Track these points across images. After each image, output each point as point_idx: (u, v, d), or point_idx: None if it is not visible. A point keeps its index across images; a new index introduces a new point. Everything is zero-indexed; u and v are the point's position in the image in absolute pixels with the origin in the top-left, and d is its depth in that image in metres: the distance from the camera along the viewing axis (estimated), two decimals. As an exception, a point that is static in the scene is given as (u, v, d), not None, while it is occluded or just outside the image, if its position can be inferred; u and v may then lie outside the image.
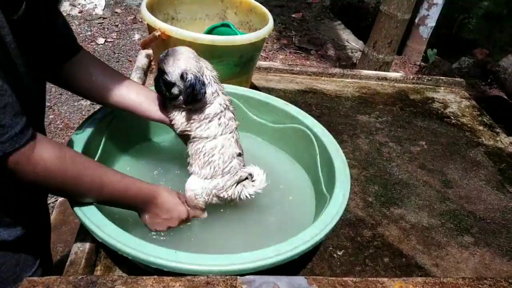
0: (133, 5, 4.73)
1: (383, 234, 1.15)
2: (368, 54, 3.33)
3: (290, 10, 5.23)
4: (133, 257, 0.75)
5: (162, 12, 1.55)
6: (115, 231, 0.78)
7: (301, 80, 1.87)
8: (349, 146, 1.49)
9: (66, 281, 0.68)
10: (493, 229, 1.24)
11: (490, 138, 1.67)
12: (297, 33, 4.73)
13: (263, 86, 1.77)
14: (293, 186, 1.15)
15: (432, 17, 4.26)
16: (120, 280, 0.69)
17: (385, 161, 1.45)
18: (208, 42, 1.27)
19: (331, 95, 1.80)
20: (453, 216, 1.26)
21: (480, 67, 4.18)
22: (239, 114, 1.26)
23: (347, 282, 0.74)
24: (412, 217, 1.23)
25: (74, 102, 3.02)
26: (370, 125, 1.63)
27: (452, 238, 1.18)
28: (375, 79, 1.96)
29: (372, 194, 1.29)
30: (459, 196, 1.34)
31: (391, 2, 3.02)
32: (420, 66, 4.36)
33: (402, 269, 1.06)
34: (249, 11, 1.60)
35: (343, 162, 1.03)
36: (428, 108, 1.82)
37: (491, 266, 1.11)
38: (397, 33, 3.16)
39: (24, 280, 0.67)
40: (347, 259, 1.06)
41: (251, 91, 1.28)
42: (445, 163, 1.49)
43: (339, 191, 0.94)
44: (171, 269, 0.73)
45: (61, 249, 1.81)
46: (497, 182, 1.43)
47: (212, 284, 0.70)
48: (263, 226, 1.04)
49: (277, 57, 4.25)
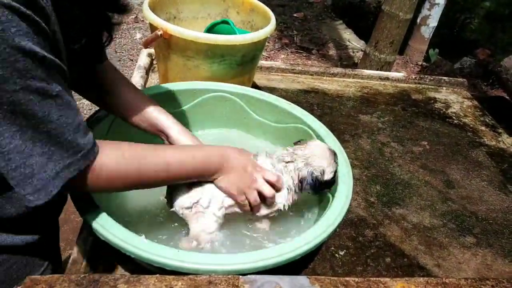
0: (134, 4, 4.72)
1: (385, 234, 1.15)
2: (370, 54, 3.33)
3: (291, 9, 5.23)
4: (135, 255, 0.75)
5: (164, 11, 1.55)
6: (117, 230, 0.78)
7: (303, 79, 1.87)
8: (351, 146, 1.49)
9: (69, 279, 0.68)
10: (495, 229, 1.23)
11: (492, 138, 1.67)
12: (299, 32, 4.73)
13: (264, 86, 1.77)
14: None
15: (433, 17, 4.25)
16: (123, 278, 0.69)
17: (387, 161, 1.45)
18: (210, 41, 1.27)
19: (333, 94, 1.80)
20: (455, 217, 1.26)
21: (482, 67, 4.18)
22: (241, 113, 1.27)
23: (349, 282, 0.73)
24: (414, 217, 1.23)
25: (76, 102, 3.01)
26: (372, 125, 1.63)
27: (454, 239, 1.18)
28: (377, 79, 1.96)
29: (374, 194, 1.29)
30: (461, 197, 1.34)
31: (393, 2, 3.01)
32: (422, 66, 4.35)
33: (403, 269, 1.06)
34: (251, 10, 1.60)
35: (345, 161, 1.03)
36: (430, 108, 1.82)
37: (493, 267, 1.11)
38: (399, 33, 3.16)
39: (27, 279, 0.67)
40: (349, 259, 1.06)
41: (253, 90, 1.28)
42: (447, 163, 1.48)
43: (342, 192, 0.94)
44: (174, 268, 0.73)
45: (63, 247, 1.81)
46: (499, 182, 1.43)
47: (214, 283, 0.70)
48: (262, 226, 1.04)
49: (279, 56, 4.25)
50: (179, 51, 1.33)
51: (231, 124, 1.30)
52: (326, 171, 0.94)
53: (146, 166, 0.77)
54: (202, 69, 1.35)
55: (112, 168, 0.72)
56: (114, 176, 0.73)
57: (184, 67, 1.36)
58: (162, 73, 1.51)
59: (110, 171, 0.72)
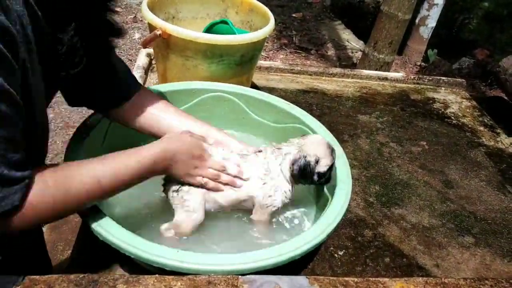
0: (133, 4, 4.72)
1: (384, 234, 1.15)
2: (369, 54, 3.32)
3: (290, 9, 5.22)
4: (135, 256, 0.74)
5: (162, 11, 1.55)
6: (116, 230, 0.78)
7: (301, 79, 1.87)
8: (350, 146, 1.49)
9: (68, 279, 0.67)
10: (494, 229, 1.24)
11: (491, 138, 1.67)
12: (298, 32, 4.73)
13: (263, 86, 1.77)
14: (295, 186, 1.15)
15: (432, 17, 4.25)
16: (122, 279, 0.69)
17: (386, 161, 1.45)
18: (209, 41, 1.27)
19: (332, 95, 1.80)
20: (453, 217, 1.26)
21: (481, 68, 4.18)
22: (239, 113, 1.27)
23: (348, 282, 0.73)
24: (413, 217, 1.23)
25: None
26: (370, 125, 1.63)
27: (453, 239, 1.18)
28: (375, 79, 1.96)
29: (373, 194, 1.29)
30: (460, 197, 1.34)
31: (392, 2, 3.01)
32: (421, 67, 4.36)
33: (403, 269, 1.06)
34: (250, 10, 1.60)
35: (344, 162, 1.03)
36: (428, 108, 1.82)
37: (492, 267, 1.11)
38: (398, 33, 3.16)
39: (26, 279, 0.67)
40: (348, 259, 1.06)
41: (251, 90, 1.28)
42: (445, 164, 1.48)
43: (341, 192, 0.94)
44: (173, 268, 0.73)
45: (62, 248, 1.80)
46: (497, 182, 1.43)
47: (214, 283, 0.70)
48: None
49: (278, 56, 4.24)
50: (178, 51, 1.33)
51: (229, 124, 1.29)
52: (321, 162, 0.94)
53: (73, 189, 0.71)
54: (201, 69, 1.35)
55: (39, 204, 0.66)
56: (40, 210, 0.67)
57: (183, 67, 1.36)
58: (161, 73, 1.50)
59: (38, 207, 0.66)
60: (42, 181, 0.67)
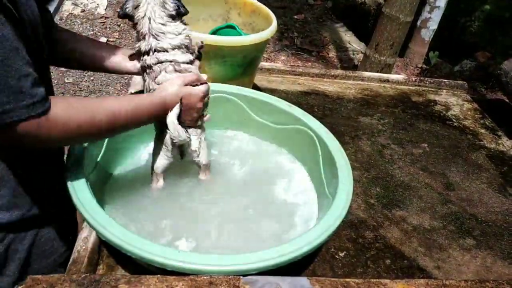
0: (135, 5, 4.73)
1: (385, 236, 1.15)
2: (370, 56, 3.33)
3: (292, 11, 5.23)
4: (137, 256, 0.75)
5: (165, 12, 1.55)
6: (118, 230, 0.78)
7: (303, 81, 1.88)
8: (351, 148, 1.49)
9: (70, 279, 0.68)
10: (495, 232, 1.24)
11: (492, 141, 1.67)
12: (299, 34, 4.74)
13: (265, 87, 1.77)
14: (296, 187, 1.15)
15: (434, 20, 4.26)
16: (124, 279, 0.69)
17: (387, 163, 1.45)
18: (212, 42, 1.27)
19: (333, 96, 1.80)
20: (454, 219, 1.26)
21: (482, 70, 4.18)
22: (241, 114, 1.27)
23: (349, 283, 0.74)
24: (414, 219, 1.23)
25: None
26: (372, 127, 1.63)
27: (454, 241, 1.18)
28: (377, 81, 1.96)
29: (374, 196, 1.29)
30: (461, 199, 1.35)
31: (394, 4, 3.02)
32: (422, 69, 4.36)
33: (403, 271, 1.06)
34: (253, 12, 1.61)
35: (346, 163, 1.03)
36: (430, 110, 1.82)
37: (493, 269, 1.11)
38: (399, 36, 3.16)
39: (28, 278, 0.67)
40: (348, 260, 1.06)
41: (253, 91, 1.28)
42: (447, 166, 1.49)
43: (342, 193, 0.94)
44: (175, 268, 0.73)
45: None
46: (498, 185, 1.43)
47: (215, 284, 0.70)
48: (265, 227, 1.04)
49: (279, 58, 4.25)
50: (180, 52, 1.33)
51: (231, 125, 1.30)
52: None
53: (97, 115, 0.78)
54: (203, 70, 1.35)
55: (64, 119, 0.73)
56: (67, 126, 0.74)
57: (185, 68, 1.36)
58: (163, 74, 1.51)
59: (64, 123, 0.73)
60: (67, 102, 0.77)
